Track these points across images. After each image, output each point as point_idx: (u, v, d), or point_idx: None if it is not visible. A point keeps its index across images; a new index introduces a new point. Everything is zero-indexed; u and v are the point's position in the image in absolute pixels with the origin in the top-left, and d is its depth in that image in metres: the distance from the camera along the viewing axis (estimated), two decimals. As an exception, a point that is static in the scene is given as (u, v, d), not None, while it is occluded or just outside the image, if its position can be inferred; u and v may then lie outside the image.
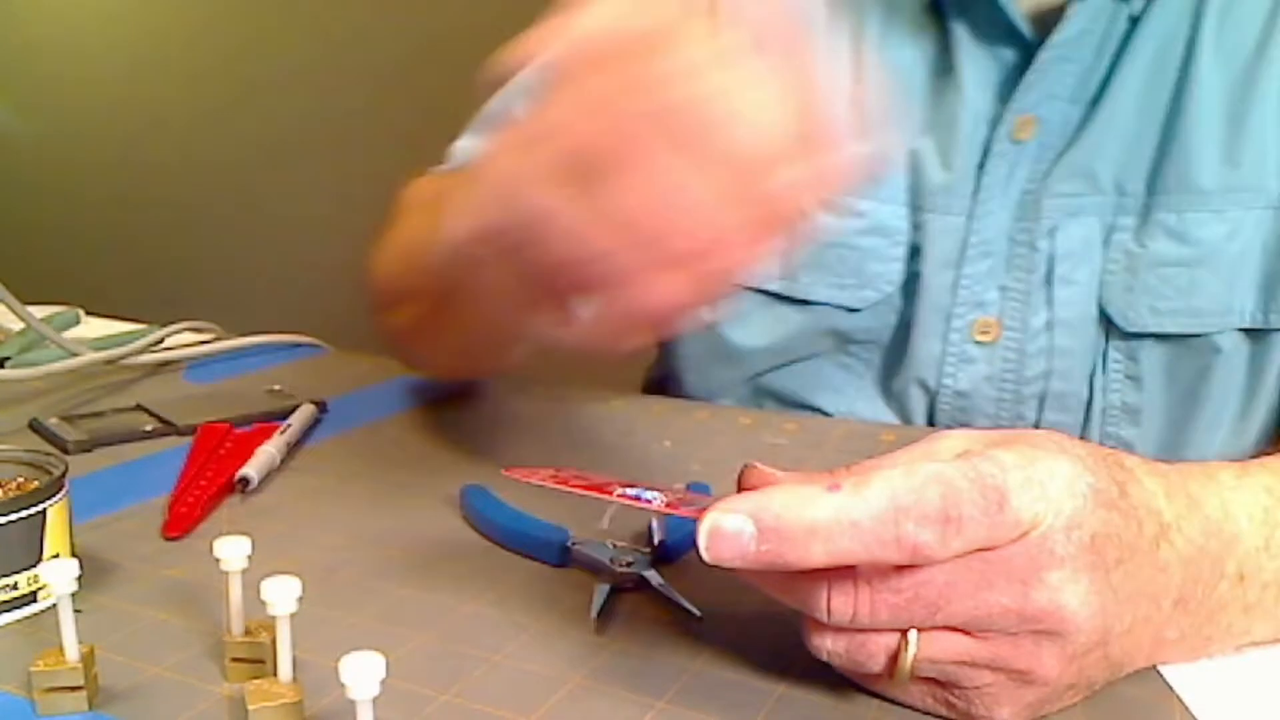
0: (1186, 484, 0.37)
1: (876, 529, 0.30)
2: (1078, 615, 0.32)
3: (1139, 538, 0.34)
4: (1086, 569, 0.32)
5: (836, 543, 0.30)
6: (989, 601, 0.32)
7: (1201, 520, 0.36)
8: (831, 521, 0.30)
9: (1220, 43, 0.59)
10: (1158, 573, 0.34)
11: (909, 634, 0.32)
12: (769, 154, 0.33)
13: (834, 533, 0.30)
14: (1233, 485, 0.38)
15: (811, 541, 0.30)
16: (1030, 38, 0.61)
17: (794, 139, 0.33)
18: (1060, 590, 0.32)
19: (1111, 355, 0.62)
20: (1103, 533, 0.33)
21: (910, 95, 0.64)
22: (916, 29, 0.64)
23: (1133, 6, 0.59)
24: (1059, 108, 0.61)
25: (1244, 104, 0.58)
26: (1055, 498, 0.32)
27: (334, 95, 2.37)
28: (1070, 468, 0.33)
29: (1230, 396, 0.62)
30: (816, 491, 0.31)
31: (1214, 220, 0.59)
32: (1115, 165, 0.61)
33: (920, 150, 0.64)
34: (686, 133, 0.32)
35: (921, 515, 0.30)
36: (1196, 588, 0.36)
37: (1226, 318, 0.60)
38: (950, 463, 0.32)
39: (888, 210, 0.65)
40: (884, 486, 0.31)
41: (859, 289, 0.66)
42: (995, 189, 0.62)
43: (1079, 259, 0.62)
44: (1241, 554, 0.37)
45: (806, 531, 0.30)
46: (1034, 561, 0.32)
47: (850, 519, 0.30)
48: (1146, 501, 0.35)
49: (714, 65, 0.33)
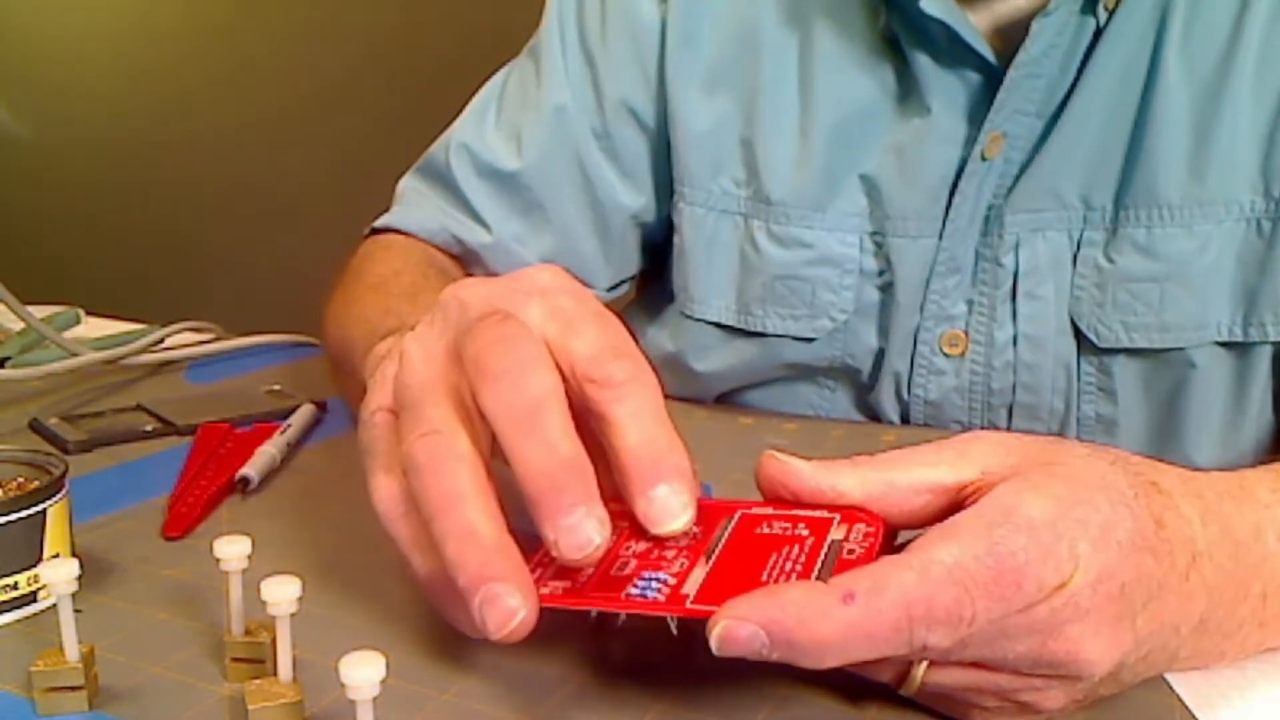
0: (1222, 505, 0.36)
1: (890, 639, 0.30)
2: (1095, 665, 0.32)
3: (1170, 573, 0.33)
4: (1111, 621, 0.32)
5: (849, 654, 0.31)
6: (1005, 648, 0.32)
7: (1232, 546, 0.36)
8: (845, 638, 0.30)
9: (1185, 55, 0.58)
10: (1184, 602, 0.34)
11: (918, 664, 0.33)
12: None
13: (848, 646, 0.30)
14: (1267, 502, 0.38)
15: (825, 654, 0.30)
16: (994, 59, 0.60)
17: None
18: (1080, 643, 0.31)
19: (1084, 369, 0.62)
20: (1134, 578, 0.32)
21: (868, 123, 0.64)
22: (873, 58, 0.64)
23: (1098, 18, 0.58)
24: (1025, 123, 0.60)
25: (1210, 116, 0.58)
26: (1086, 555, 0.31)
27: (337, 99, 2.37)
28: (1109, 513, 0.32)
29: (1212, 410, 0.61)
30: (831, 604, 0.30)
31: (1182, 234, 0.58)
32: (1081, 180, 0.60)
33: (877, 176, 0.64)
34: None
35: (934, 620, 0.30)
36: (1219, 611, 0.36)
37: (1200, 332, 0.59)
38: (970, 543, 0.31)
39: (835, 239, 0.65)
40: (899, 596, 0.30)
41: (812, 319, 0.66)
42: (965, 207, 0.62)
43: (1044, 274, 0.61)
44: (1268, 574, 0.37)
45: (820, 646, 0.30)
46: (1056, 615, 0.31)
47: (865, 633, 0.30)
48: (1181, 530, 0.34)
49: None
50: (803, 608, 0.30)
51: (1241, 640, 0.38)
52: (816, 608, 0.30)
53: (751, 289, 0.67)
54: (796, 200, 0.65)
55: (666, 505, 0.34)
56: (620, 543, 0.35)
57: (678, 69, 0.68)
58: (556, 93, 0.70)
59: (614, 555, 0.35)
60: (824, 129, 0.64)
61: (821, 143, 0.64)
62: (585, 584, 0.34)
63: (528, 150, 0.71)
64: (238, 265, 2.60)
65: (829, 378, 0.69)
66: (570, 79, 0.71)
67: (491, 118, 0.74)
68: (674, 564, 0.34)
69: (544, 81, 0.71)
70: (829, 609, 0.30)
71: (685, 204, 0.69)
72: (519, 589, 0.32)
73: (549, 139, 0.71)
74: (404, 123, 2.23)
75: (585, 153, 0.71)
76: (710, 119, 0.68)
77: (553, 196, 0.71)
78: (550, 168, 0.71)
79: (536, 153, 0.71)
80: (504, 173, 0.71)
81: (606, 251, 0.73)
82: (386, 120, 2.27)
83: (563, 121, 0.70)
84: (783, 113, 0.66)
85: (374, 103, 2.31)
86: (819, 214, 0.65)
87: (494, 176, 0.72)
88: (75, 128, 2.84)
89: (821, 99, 0.65)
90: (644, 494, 0.34)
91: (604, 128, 0.71)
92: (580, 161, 0.71)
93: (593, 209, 0.72)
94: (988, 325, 0.63)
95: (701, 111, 0.68)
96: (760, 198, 0.66)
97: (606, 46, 0.70)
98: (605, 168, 0.71)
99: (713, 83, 0.68)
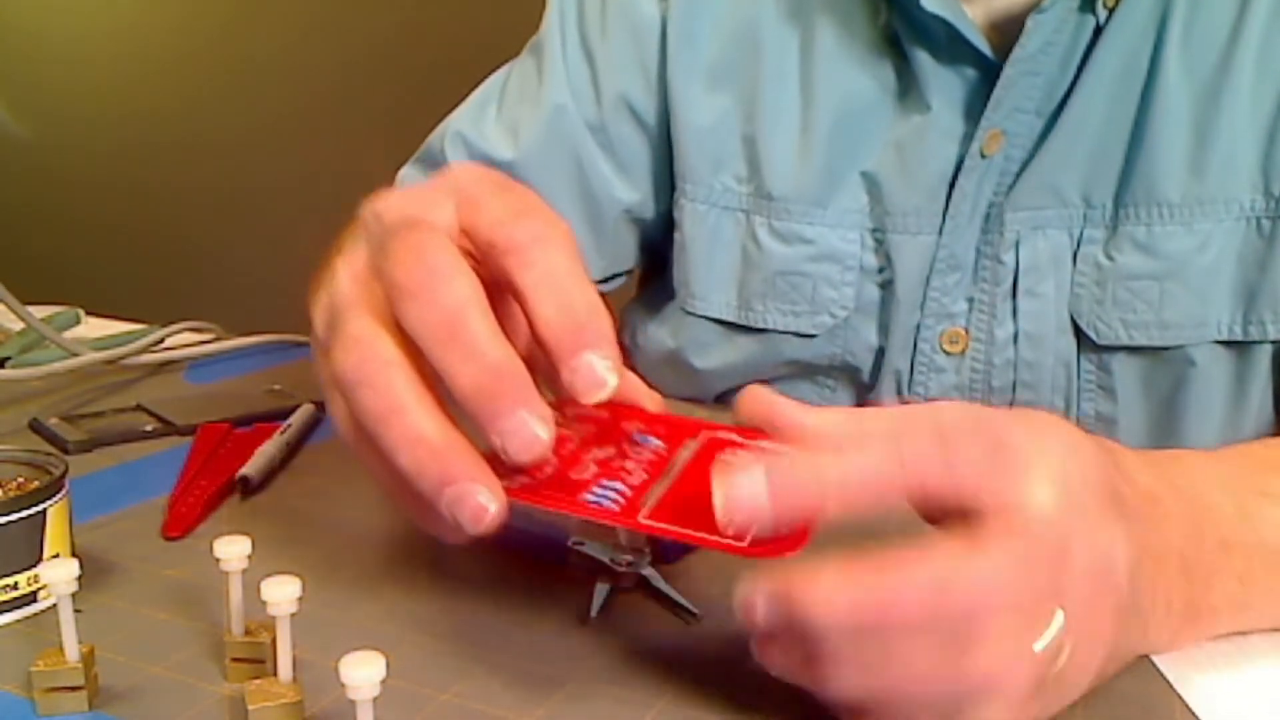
0: (1153, 457, 0.40)
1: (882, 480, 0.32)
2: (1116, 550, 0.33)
3: (1137, 499, 0.35)
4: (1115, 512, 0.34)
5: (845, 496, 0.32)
6: None
7: (1174, 491, 0.38)
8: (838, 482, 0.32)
9: (1185, 54, 0.58)
10: (1158, 526, 0.36)
11: None
12: None
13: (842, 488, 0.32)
14: (1198, 464, 0.41)
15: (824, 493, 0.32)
16: (992, 55, 0.60)
17: None
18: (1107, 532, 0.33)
19: (1084, 366, 0.62)
20: (1111, 487, 0.34)
21: (868, 120, 0.64)
22: (873, 55, 0.64)
23: (1098, 16, 0.59)
24: (1025, 120, 0.61)
25: (1210, 115, 0.58)
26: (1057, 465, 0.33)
27: (337, 99, 2.37)
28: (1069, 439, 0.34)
29: (1213, 408, 0.61)
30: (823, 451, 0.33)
31: (1183, 232, 0.59)
32: (1081, 178, 0.60)
33: (878, 173, 0.64)
34: None
35: (921, 472, 0.32)
36: (1190, 546, 0.37)
37: (1200, 330, 0.60)
38: None
39: (836, 235, 0.65)
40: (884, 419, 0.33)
41: (813, 315, 0.66)
42: (964, 204, 0.62)
43: (1044, 272, 0.62)
44: (1219, 520, 0.38)
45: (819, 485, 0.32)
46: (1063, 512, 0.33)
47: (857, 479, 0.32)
48: (1131, 474, 0.36)
49: None
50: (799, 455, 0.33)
51: (1228, 595, 0.39)
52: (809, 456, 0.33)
53: (753, 285, 0.67)
54: (798, 196, 0.65)
55: (591, 374, 0.33)
56: (585, 448, 0.35)
57: (678, 66, 0.68)
58: (557, 92, 0.71)
59: (575, 458, 0.35)
60: (825, 126, 0.65)
61: (822, 139, 0.65)
62: (545, 481, 0.34)
63: (523, 142, 0.71)
64: (238, 265, 2.60)
65: (829, 376, 0.69)
66: (570, 75, 0.71)
67: (492, 112, 0.74)
68: (633, 475, 0.34)
69: (545, 80, 0.71)
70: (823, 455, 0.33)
71: (686, 200, 0.69)
72: (483, 484, 0.32)
73: (546, 133, 0.71)
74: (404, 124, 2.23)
75: (581, 147, 0.71)
76: (712, 116, 0.68)
77: (544, 186, 0.71)
78: (544, 160, 0.71)
79: (532, 145, 0.71)
80: (498, 162, 0.71)
81: (599, 244, 0.73)
82: (387, 121, 2.26)
83: (562, 120, 0.71)
84: (784, 109, 0.66)
85: (375, 103, 2.31)
86: (820, 210, 0.65)
87: (487, 165, 0.72)
88: (75, 128, 2.84)
89: (822, 96, 0.65)
90: (566, 365, 0.33)
91: (601, 122, 0.71)
92: (576, 155, 0.71)
93: (585, 201, 0.72)
94: (988, 323, 0.63)
95: (703, 108, 0.68)
96: (762, 194, 0.67)
97: (606, 42, 0.71)
98: (601, 162, 0.71)
99: (714, 79, 0.68)
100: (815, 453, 0.33)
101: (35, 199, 2.96)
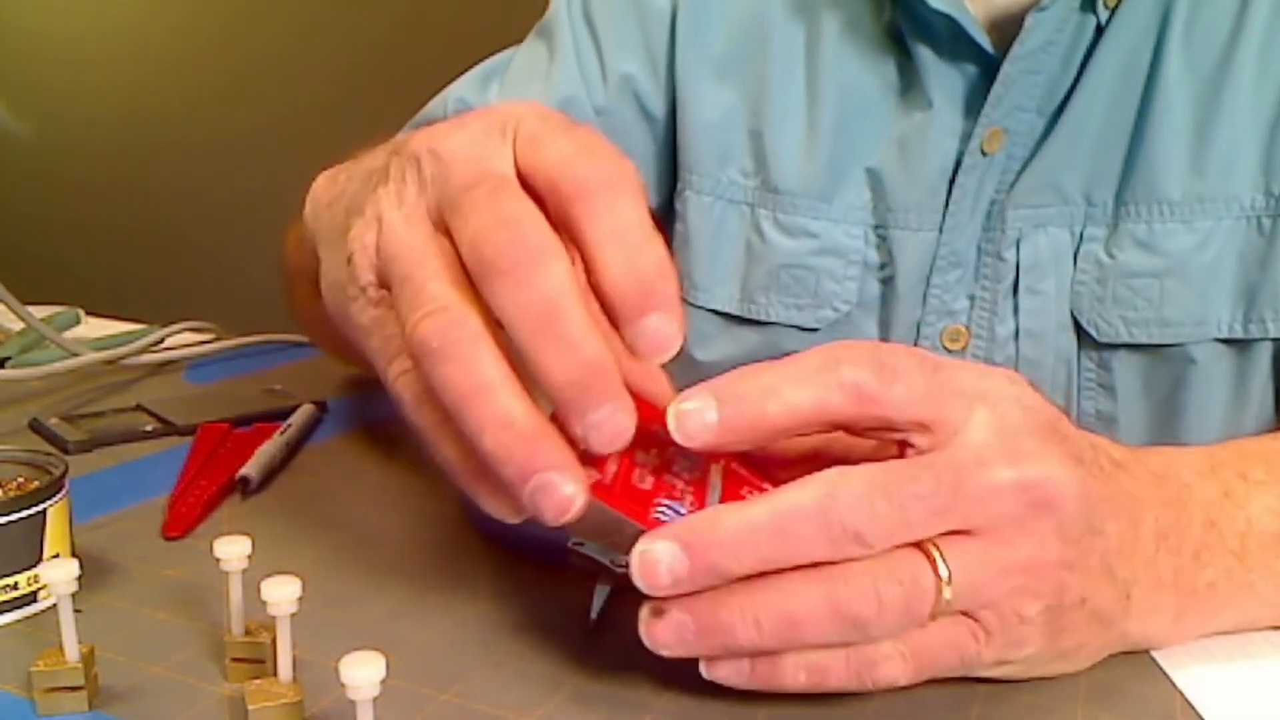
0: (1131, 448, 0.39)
1: (819, 376, 0.33)
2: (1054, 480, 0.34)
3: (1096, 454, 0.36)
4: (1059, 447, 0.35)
5: (786, 395, 0.33)
6: None
7: (1146, 470, 0.38)
8: (780, 377, 0.33)
9: (1187, 52, 0.58)
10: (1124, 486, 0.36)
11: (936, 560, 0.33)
12: None
13: (783, 385, 0.33)
14: (1177, 452, 0.41)
15: (766, 397, 0.33)
16: (993, 51, 0.60)
17: None
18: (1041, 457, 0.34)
19: (1084, 364, 0.62)
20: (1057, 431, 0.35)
21: (872, 116, 0.64)
22: (877, 51, 0.64)
23: (1099, 16, 0.59)
24: (1026, 119, 0.61)
25: (1211, 113, 0.58)
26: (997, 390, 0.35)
27: (337, 98, 2.37)
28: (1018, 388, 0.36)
29: (1213, 407, 0.61)
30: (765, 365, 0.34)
31: (1183, 231, 0.59)
32: (1083, 176, 0.61)
33: (881, 170, 0.64)
34: None
35: (855, 360, 0.33)
36: (1168, 516, 0.37)
37: (1201, 328, 0.60)
38: None
39: (840, 230, 0.65)
40: (822, 347, 0.34)
41: (816, 309, 0.66)
42: (965, 201, 0.62)
43: (1045, 269, 0.62)
44: (1202, 500, 0.38)
45: (761, 390, 0.33)
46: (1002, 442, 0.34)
47: (794, 372, 0.33)
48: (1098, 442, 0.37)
49: None
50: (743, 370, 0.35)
51: (1226, 570, 0.38)
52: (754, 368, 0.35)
53: (756, 277, 0.68)
54: (804, 191, 0.66)
55: (658, 336, 0.32)
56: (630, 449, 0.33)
57: (687, 58, 0.69)
58: (567, 83, 0.71)
59: (630, 460, 0.35)
60: (830, 121, 0.65)
61: (827, 135, 0.65)
62: (613, 483, 0.34)
63: None
64: (238, 265, 2.59)
65: None
66: (580, 61, 0.71)
67: (496, 85, 0.74)
68: (684, 498, 0.35)
69: (555, 66, 0.72)
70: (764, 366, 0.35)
71: (692, 192, 0.69)
72: (570, 475, 0.31)
73: None
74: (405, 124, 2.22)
75: None
76: (719, 109, 0.68)
77: None
78: None
79: None
80: None
81: None
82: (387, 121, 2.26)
83: (570, 112, 0.71)
84: (790, 104, 0.66)
85: (375, 104, 2.31)
86: (825, 205, 0.65)
87: None
88: (75, 128, 2.84)
89: (827, 91, 0.65)
90: (632, 326, 0.32)
91: (606, 105, 0.71)
92: None
93: None
94: (989, 320, 0.63)
95: (711, 101, 0.68)
96: (768, 188, 0.67)
97: (613, 25, 0.71)
98: None
99: (721, 72, 0.68)
100: (759, 369, 0.34)
101: (35, 199, 2.96)
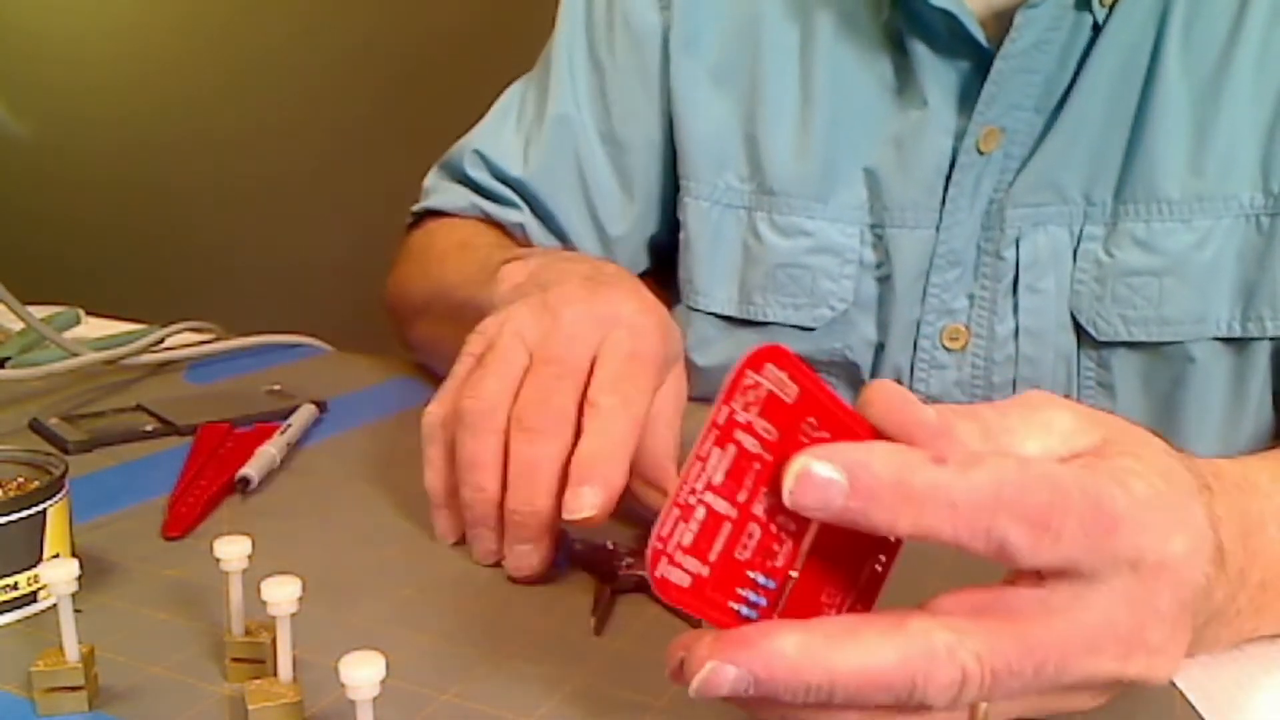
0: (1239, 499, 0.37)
1: (971, 516, 0.29)
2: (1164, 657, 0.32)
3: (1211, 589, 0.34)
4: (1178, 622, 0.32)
5: (926, 518, 0.29)
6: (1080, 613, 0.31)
7: (1244, 538, 0.36)
8: (928, 496, 0.29)
9: (1185, 52, 0.58)
10: (1208, 602, 0.34)
11: None
12: None
13: (928, 507, 0.29)
14: (1268, 491, 0.38)
15: (902, 509, 0.29)
16: (988, 47, 0.60)
17: None
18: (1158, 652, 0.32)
19: (1084, 363, 0.63)
20: (1198, 590, 0.33)
21: (868, 115, 0.64)
22: (873, 51, 0.64)
23: (1096, 15, 0.59)
24: (1024, 118, 0.61)
25: (1210, 113, 0.58)
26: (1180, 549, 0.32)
27: (337, 99, 2.37)
28: (1201, 522, 0.33)
29: (1212, 405, 0.61)
30: (920, 460, 0.29)
31: (1182, 229, 0.59)
32: (1082, 175, 0.61)
33: (877, 169, 0.64)
34: None
35: (1021, 515, 0.29)
36: (1228, 604, 0.36)
37: (1200, 326, 0.60)
38: (1070, 466, 0.31)
39: (835, 229, 0.65)
40: (992, 474, 0.29)
41: (812, 308, 0.67)
42: (962, 200, 0.62)
43: (1045, 268, 0.62)
44: (1266, 562, 0.37)
45: (901, 499, 0.29)
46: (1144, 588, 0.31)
47: (949, 499, 0.29)
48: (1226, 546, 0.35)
49: None
50: (890, 457, 0.29)
51: (1238, 627, 0.38)
52: (906, 459, 0.29)
53: (753, 278, 0.68)
54: (798, 190, 0.66)
55: (578, 500, 0.42)
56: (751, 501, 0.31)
57: (681, 72, 0.69)
58: (559, 104, 0.73)
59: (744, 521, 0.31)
60: (824, 121, 0.65)
61: (822, 134, 0.65)
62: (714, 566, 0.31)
63: (532, 159, 0.74)
64: (238, 265, 2.59)
65: (829, 373, 0.69)
66: (576, 89, 0.73)
67: (510, 124, 0.76)
68: (778, 556, 0.32)
69: (550, 94, 0.74)
70: (918, 463, 0.29)
71: (691, 198, 0.70)
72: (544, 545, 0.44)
73: (551, 147, 0.73)
74: (404, 125, 2.23)
75: (587, 159, 0.73)
76: (715, 118, 0.69)
77: (554, 201, 0.74)
78: (551, 176, 0.73)
79: (539, 162, 0.73)
80: (511, 178, 0.75)
81: (609, 255, 0.74)
82: (387, 121, 2.27)
83: (564, 130, 0.72)
84: (784, 105, 0.67)
85: (375, 103, 2.31)
86: (820, 204, 0.66)
87: (505, 180, 0.75)
88: (75, 128, 2.83)
89: (822, 91, 0.65)
90: (569, 488, 0.42)
91: (610, 130, 0.72)
92: (580, 169, 0.73)
93: (592, 217, 0.74)
94: (989, 319, 0.63)
95: (706, 112, 0.69)
96: (763, 190, 0.67)
97: (613, 53, 0.72)
98: (608, 176, 0.73)
99: (717, 81, 0.69)
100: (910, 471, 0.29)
101: (35, 199, 2.96)
